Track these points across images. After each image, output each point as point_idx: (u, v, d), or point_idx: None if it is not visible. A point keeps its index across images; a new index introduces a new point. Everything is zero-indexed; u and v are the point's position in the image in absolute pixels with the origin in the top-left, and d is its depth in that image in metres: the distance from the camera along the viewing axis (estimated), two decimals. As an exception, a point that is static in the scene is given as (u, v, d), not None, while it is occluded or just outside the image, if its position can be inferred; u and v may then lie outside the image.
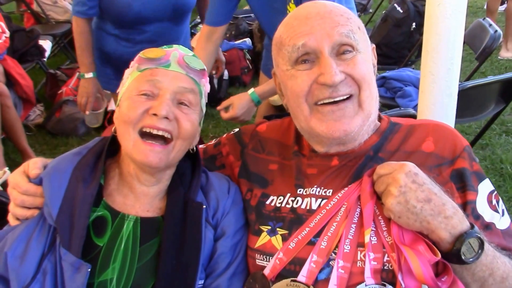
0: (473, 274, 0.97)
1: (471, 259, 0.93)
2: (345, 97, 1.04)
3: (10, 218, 1.10)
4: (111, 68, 2.44)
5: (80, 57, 2.41)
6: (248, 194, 1.18)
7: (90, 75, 2.40)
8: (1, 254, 1.04)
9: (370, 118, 1.08)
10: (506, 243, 1.04)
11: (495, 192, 1.09)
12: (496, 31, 2.89)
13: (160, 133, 1.05)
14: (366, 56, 1.08)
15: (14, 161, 3.23)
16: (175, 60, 1.09)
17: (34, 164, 1.10)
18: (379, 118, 1.17)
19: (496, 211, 1.06)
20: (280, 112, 1.59)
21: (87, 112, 2.48)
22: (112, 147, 1.15)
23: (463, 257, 0.92)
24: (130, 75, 1.11)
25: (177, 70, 1.08)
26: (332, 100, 1.04)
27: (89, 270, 0.99)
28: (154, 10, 2.26)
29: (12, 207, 1.09)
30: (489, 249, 0.97)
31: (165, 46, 1.15)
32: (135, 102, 1.05)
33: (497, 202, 1.08)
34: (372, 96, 1.07)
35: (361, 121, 1.06)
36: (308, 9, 1.08)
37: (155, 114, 1.03)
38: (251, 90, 1.98)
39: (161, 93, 1.06)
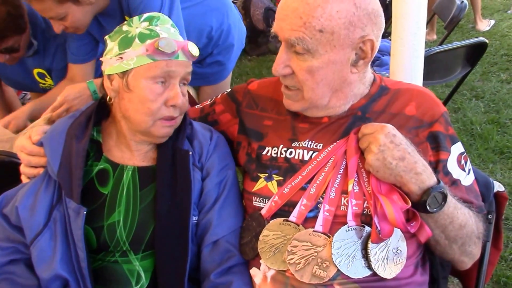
0: (436, 221, 1.09)
1: (435, 209, 1.05)
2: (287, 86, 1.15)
3: (22, 177, 1.24)
4: None
5: None
6: (249, 148, 1.27)
7: None
8: (14, 208, 1.16)
9: (323, 101, 1.15)
10: (468, 197, 1.16)
11: (465, 153, 1.19)
12: (462, 1, 3.01)
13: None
14: (324, 60, 1.09)
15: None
16: (181, 51, 1.17)
17: (36, 131, 1.24)
18: (373, 81, 1.22)
19: (463, 170, 1.17)
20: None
21: None
22: (102, 110, 1.24)
23: (428, 208, 1.04)
24: (136, 58, 1.14)
25: (183, 59, 1.17)
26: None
27: (85, 212, 1.10)
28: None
29: (22, 168, 1.23)
30: (452, 201, 1.08)
31: (164, 34, 1.18)
32: (154, 95, 1.14)
33: (465, 162, 1.18)
34: (318, 96, 1.13)
35: (304, 107, 1.17)
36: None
37: (174, 106, 1.16)
38: (91, 79, 1.71)
39: (173, 81, 1.16)
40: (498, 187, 1.29)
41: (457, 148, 1.18)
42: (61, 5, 1.57)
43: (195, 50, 1.20)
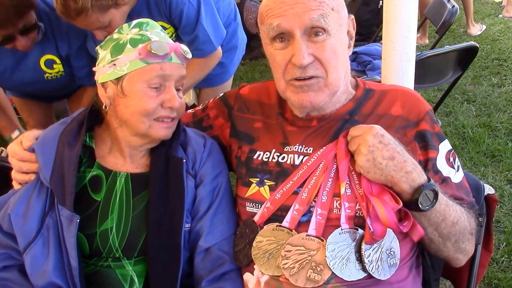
0: (428, 220, 1.10)
1: (427, 207, 1.06)
2: (312, 76, 1.13)
3: (14, 183, 1.23)
4: None
5: None
6: (239, 151, 1.28)
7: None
8: (6, 216, 1.16)
9: (338, 92, 1.18)
10: (459, 194, 1.18)
11: (453, 151, 1.21)
12: (453, 6, 3.06)
13: (170, 119, 1.18)
14: (337, 38, 1.13)
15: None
16: (174, 53, 1.18)
17: (27, 137, 1.23)
18: (356, 85, 1.25)
19: (453, 167, 1.19)
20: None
21: None
22: (94, 115, 1.24)
23: (420, 206, 1.05)
24: (129, 63, 1.15)
25: (177, 61, 1.19)
26: (301, 77, 1.13)
27: (78, 220, 1.10)
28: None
29: (13, 173, 1.23)
30: (443, 198, 1.09)
31: (155, 37, 1.19)
32: (150, 97, 1.15)
33: (454, 159, 1.20)
34: (339, 77, 1.15)
35: (326, 96, 1.15)
36: None
37: (171, 107, 1.16)
38: None
39: (168, 84, 1.16)
40: (488, 189, 1.30)
41: (445, 146, 1.19)
42: (105, 14, 1.60)
43: (187, 51, 1.21)
